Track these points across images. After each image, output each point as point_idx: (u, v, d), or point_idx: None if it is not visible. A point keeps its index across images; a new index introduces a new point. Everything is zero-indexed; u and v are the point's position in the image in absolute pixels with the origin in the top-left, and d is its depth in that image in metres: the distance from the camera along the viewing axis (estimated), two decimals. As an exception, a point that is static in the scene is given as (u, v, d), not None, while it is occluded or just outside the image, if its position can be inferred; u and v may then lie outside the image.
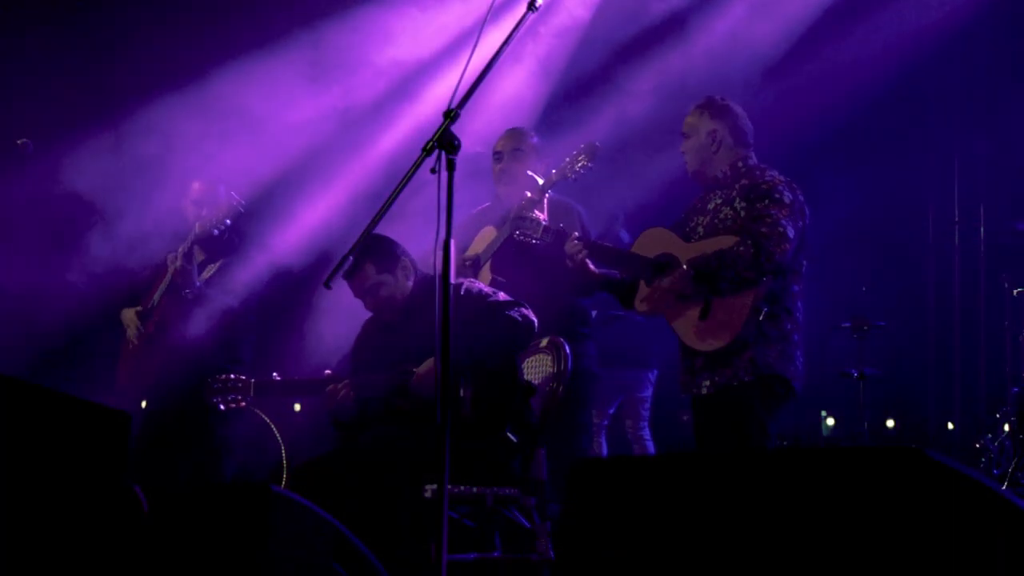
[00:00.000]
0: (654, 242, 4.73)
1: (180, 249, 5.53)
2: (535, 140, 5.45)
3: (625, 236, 6.14)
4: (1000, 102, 7.62)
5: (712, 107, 4.75)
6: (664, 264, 4.65)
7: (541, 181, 5.05)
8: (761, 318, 4.44)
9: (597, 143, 5.04)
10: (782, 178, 4.62)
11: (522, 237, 4.83)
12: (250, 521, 2.73)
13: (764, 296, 4.45)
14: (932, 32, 6.77)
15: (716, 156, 4.71)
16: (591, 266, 4.72)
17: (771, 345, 4.50)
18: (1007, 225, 7.02)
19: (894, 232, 8.15)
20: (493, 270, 5.22)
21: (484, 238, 5.33)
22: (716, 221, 4.67)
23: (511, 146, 5.39)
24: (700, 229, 4.72)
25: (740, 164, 4.71)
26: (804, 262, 4.66)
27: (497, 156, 5.41)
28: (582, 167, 4.99)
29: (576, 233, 4.75)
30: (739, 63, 6.58)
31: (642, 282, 4.72)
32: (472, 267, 5.26)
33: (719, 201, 4.70)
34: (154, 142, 6.23)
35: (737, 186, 4.67)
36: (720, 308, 4.49)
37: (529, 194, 5.02)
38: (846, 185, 7.90)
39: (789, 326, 4.56)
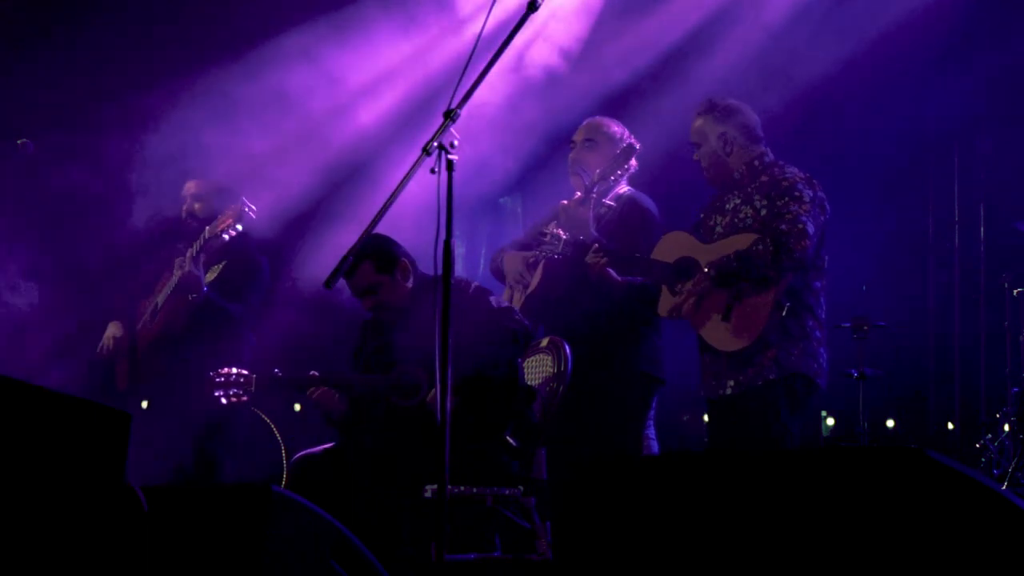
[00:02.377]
0: (674, 247, 4.73)
1: (188, 253, 5.52)
2: (614, 130, 5.29)
3: None
4: (1000, 101, 7.62)
5: (716, 110, 4.74)
6: (684, 268, 4.66)
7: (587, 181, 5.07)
8: (784, 314, 4.44)
9: (637, 145, 5.06)
10: (802, 175, 4.62)
11: (543, 254, 4.89)
12: (250, 521, 2.72)
13: (785, 292, 4.46)
14: (933, 30, 6.76)
15: (731, 158, 4.70)
16: (613, 275, 4.76)
17: (794, 343, 4.49)
18: (1007, 225, 7.01)
19: (894, 232, 8.14)
20: (545, 268, 5.20)
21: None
22: (736, 221, 4.66)
23: (583, 136, 5.31)
24: (719, 229, 4.71)
25: (756, 162, 4.70)
26: (826, 257, 4.65)
27: (571, 145, 5.37)
28: (622, 169, 5.02)
29: (595, 245, 4.76)
30: (733, 60, 6.58)
31: (664, 287, 4.73)
32: (532, 266, 5.23)
33: (738, 201, 4.69)
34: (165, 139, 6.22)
35: (755, 184, 4.66)
36: (742, 308, 4.49)
37: (578, 193, 5.04)
38: (845, 184, 7.88)
39: (811, 323, 4.56)
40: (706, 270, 4.51)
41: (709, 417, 4.74)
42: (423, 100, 6.38)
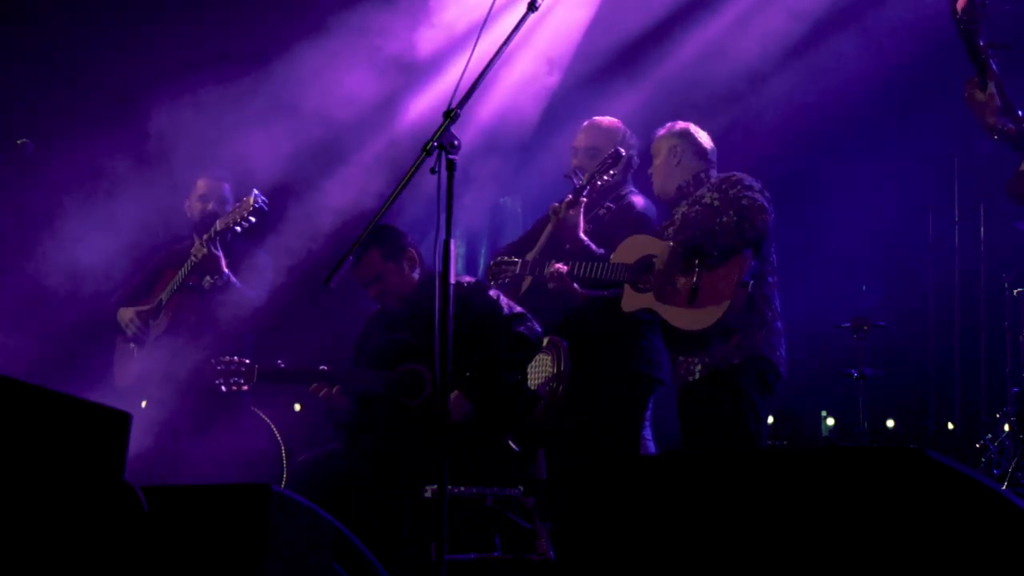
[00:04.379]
0: (634, 247, 4.90)
1: (204, 238, 5.48)
2: (615, 134, 5.32)
3: None
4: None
5: (673, 128, 5.05)
6: (645, 266, 4.81)
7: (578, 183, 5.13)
8: (750, 291, 4.62)
9: (622, 151, 5.11)
10: (748, 175, 4.85)
11: (501, 281, 4.98)
12: (250, 521, 2.72)
13: (749, 272, 4.64)
14: (932, 30, 6.76)
15: (677, 168, 4.97)
16: (574, 287, 4.92)
17: (756, 331, 4.70)
18: (1007, 225, 7.00)
19: (894, 232, 8.14)
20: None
21: (545, 235, 5.31)
22: (687, 221, 4.82)
23: (585, 143, 5.33)
24: (671, 231, 4.88)
25: (702, 174, 4.95)
26: (774, 255, 4.85)
27: (573, 151, 5.36)
28: (608, 174, 5.06)
29: (553, 260, 4.94)
30: (737, 62, 6.58)
31: (627, 286, 4.87)
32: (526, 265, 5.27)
33: (685, 208, 4.90)
34: (162, 136, 6.20)
35: (703, 187, 4.88)
36: (706, 289, 4.64)
37: (570, 196, 5.07)
38: (846, 184, 7.89)
39: (769, 314, 4.76)
40: (671, 244, 4.70)
41: (680, 406, 4.86)
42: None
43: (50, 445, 2.44)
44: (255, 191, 5.41)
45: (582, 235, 5.03)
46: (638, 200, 5.30)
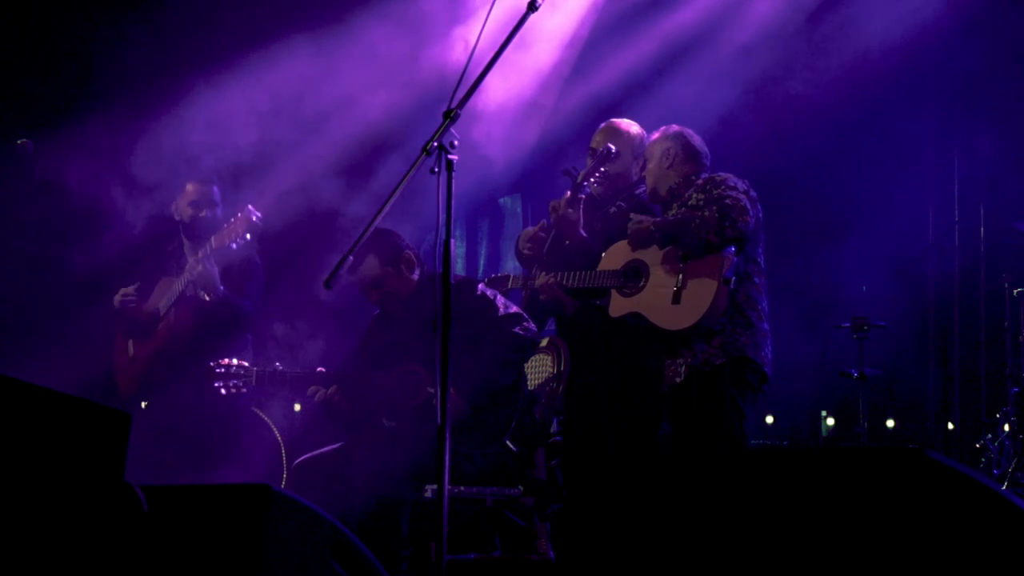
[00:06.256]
0: (620, 254, 4.92)
1: (199, 254, 5.44)
2: (633, 135, 5.29)
3: None
4: (1000, 101, 7.62)
5: (666, 131, 5.09)
6: (633, 269, 4.82)
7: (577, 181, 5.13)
8: (731, 287, 4.64)
9: (613, 147, 5.11)
10: (735, 176, 4.89)
11: (495, 292, 5.01)
12: (250, 521, 2.72)
13: (731, 269, 4.67)
14: (932, 30, 6.76)
15: (669, 171, 5.00)
16: (566, 297, 4.93)
17: (742, 331, 4.73)
18: (1007, 225, 7.01)
19: (894, 232, 8.14)
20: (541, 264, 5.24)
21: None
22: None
23: (611, 148, 5.31)
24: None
25: (693, 176, 4.98)
26: (762, 256, 4.88)
27: (591, 152, 5.30)
28: (599, 171, 5.06)
29: (543, 273, 4.95)
30: (736, 61, 6.59)
31: (613, 292, 4.88)
32: (517, 280, 5.27)
33: (675, 209, 4.92)
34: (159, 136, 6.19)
35: (692, 188, 4.92)
36: (690, 289, 4.66)
37: (569, 193, 5.08)
38: (846, 184, 7.89)
39: (754, 315, 4.79)
40: (652, 227, 4.72)
41: (669, 409, 4.88)
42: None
43: (50, 445, 2.44)
44: (249, 206, 5.27)
45: (582, 231, 5.03)
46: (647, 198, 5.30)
